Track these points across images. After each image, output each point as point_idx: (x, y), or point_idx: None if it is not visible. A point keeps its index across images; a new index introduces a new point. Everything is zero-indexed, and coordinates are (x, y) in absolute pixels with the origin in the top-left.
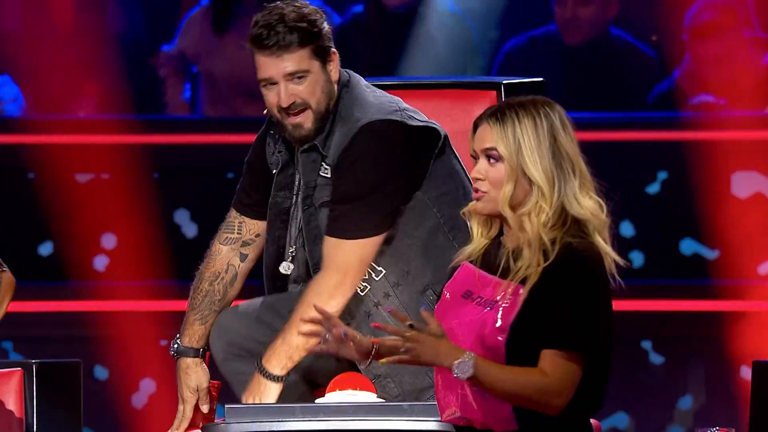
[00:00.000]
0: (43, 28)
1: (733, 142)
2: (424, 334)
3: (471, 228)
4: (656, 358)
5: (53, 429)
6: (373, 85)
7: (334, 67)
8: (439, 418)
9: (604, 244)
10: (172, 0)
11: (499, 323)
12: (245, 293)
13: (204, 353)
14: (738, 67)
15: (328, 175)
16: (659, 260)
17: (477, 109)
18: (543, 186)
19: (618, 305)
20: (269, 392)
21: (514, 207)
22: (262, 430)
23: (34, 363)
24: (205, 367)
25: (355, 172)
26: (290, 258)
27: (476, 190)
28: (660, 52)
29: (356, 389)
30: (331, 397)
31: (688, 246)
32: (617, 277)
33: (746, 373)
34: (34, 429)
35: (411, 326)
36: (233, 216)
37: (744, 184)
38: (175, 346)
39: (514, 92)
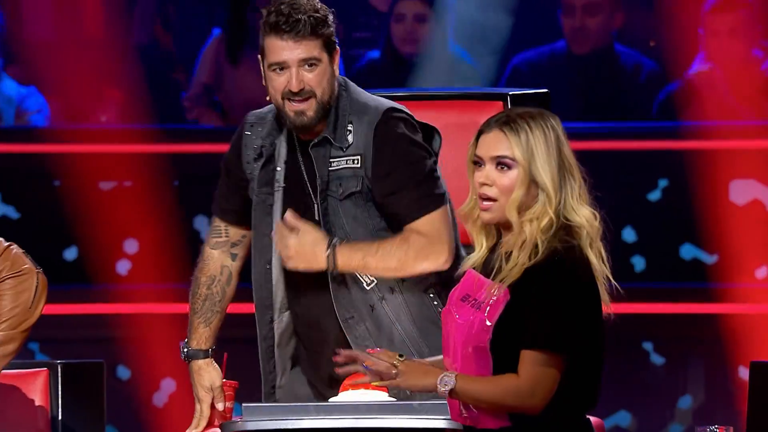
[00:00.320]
0: (72, 40)
1: (731, 152)
2: (415, 362)
3: (472, 236)
4: (657, 359)
5: (78, 426)
6: (385, 96)
7: (337, 64)
8: (449, 416)
9: (591, 254)
10: (194, 13)
11: (487, 323)
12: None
13: (212, 353)
14: (739, 78)
15: (353, 166)
16: (660, 264)
17: (484, 119)
18: (550, 192)
19: (620, 308)
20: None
21: (519, 212)
22: (278, 428)
23: (59, 363)
24: (216, 366)
25: (402, 156)
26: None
27: (485, 197)
28: (662, 61)
29: (369, 389)
30: (345, 396)
31: (687, 251)
32: (613, 282)
33: (744, 373)
34: (60, 426)
35: (401, 356)
36: (217, 222)
37: (741, 192)
38: (185, 350)
39: (519, 103)
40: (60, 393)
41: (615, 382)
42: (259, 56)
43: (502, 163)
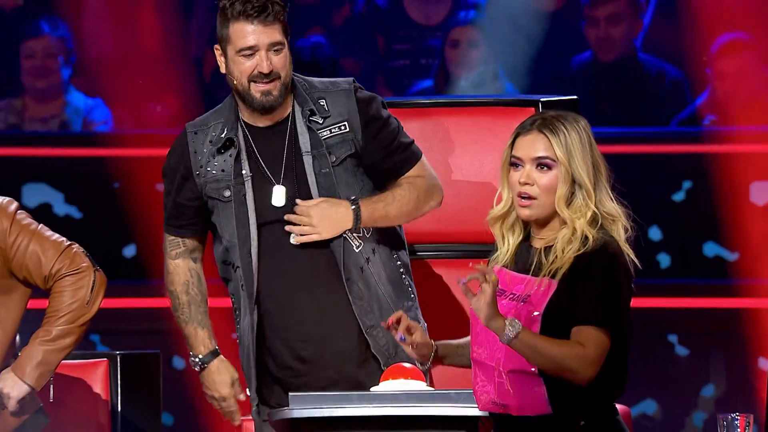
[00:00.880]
0: (132, 53)
1: (752, 155)
2: (483, 301)
3: (497, 235)
4: (681, 351)
5: (136, 413)
6: (423, 103)
7: (290, 49)
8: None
9: (625, 246)
10: None
11: (535, 313)
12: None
13: (218, 351)
14: (755, 87)
15: (341, 132)
16: (684, 262)
17: (516, 123)
18: (589, 188)
19: (646, 302)
20: None
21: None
22: (323, 415)
23: (118, 354)
24: (228, 362)
25: (384, 115)
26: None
27: (525, 196)
28: (685, 72)
29: (408, 378)
30: (385, 386)
31: (710, 249)
32: (637, 262)
33: (763, 364)
34: (119, 413)
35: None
36: (171, 237)
37: (761, 193)
38: (197, 360)
39: (550, 109)
40: (119, 382)
41: (641, 372)
42: (217, 46)
43: (542, 164)
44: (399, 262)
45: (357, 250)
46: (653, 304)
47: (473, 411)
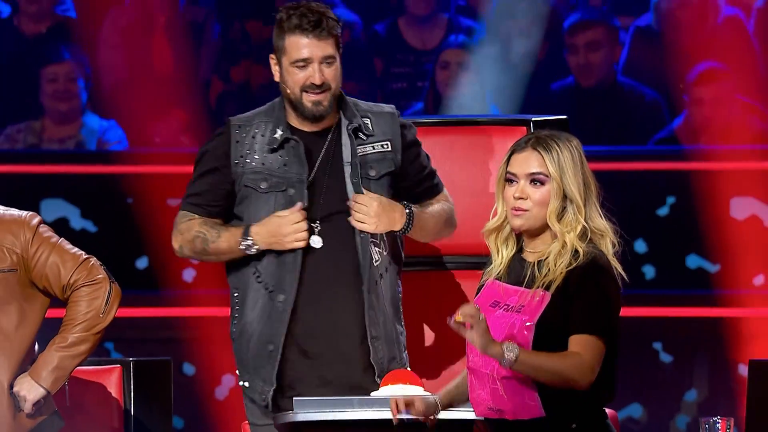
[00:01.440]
0: (144, 77)
1: (732, 172)
2: (478, 332)
3: (492, 248)
4: (666, 358)
5: (148, 417)
6: (418, 123)
7: (341, 63)
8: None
9: (613, 260)
10: (257, 45)
11: (528, 323)
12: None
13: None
14: (731, 113)
15: (383, 150)
16: (668, 273)
17: (510, 143)
18: (579, 203)
19: (633, 312)
20: None
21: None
22: (326, 419)
23: (131, 361)
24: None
25: (418, 144)
26: (317, 231)
27: (518, 209)
28: (663, 95)
29: (406, 384)
30: (385, 391)
31: (693, 261)
32: (624, 276)
33: (743, 370)
34: (132, 417)
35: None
36: (184, 212)
37: (741, 208)
38: (246, 240)
39: (542, 128)
40: (132, 387)
41: (628, 378)
42: (272, 56)
43: (535, 179)
44: (399, 289)
45: (375, 264)
46: (639, 314)
47: (468, 415)
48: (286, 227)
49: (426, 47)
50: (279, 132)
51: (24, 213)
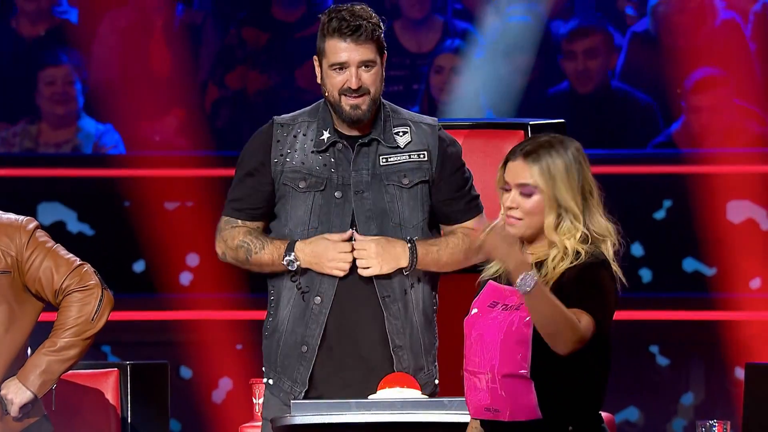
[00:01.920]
0: (140, 80)
1: (728, 176)
2: (500, 235)
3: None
4: (662, 361)
5: (145, 420)
6: None
7: (384, 66)
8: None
9: (612, 260)
10: (253, 51)
11: (527, 318)
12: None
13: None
14: (728, 119)
15: (419, 159)
16: (665, 276)
17: (507, 146)
18: (576, 212)
19: (629, 315)
20: None
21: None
22: (323, 422)
23: (128, 364)
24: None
25: (460, 161)
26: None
27: (510, 217)
28: (660, 100)
29: (403, 387)
30: (382, 394)
31: (689, 264)
32: (623, 280)
33: (740, 373)
34: (129, 420)
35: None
36: (227, 219)
37: (737, 211)
38: (291, 257)
39: (539, 132)
40: (129, 390)
41: (624, 381)
42: (315, 57)
43: (524, 192)
44: (435, 300)
45: (405, 273)
46: (635, 317)
47: (464, 417)
48: (332, 252)
49: (421, 50)
50: (326, 134)
51: (21, 217)
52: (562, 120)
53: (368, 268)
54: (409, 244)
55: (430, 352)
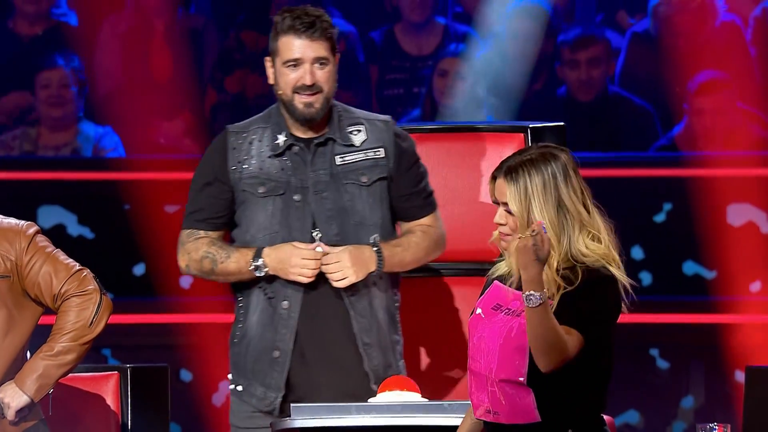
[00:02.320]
0: (141, 83)
1: (729, 179)
2: (529, 246)
3: (503, 251)
4: (662, 364)
5: (145, 424)
6: (416, 129)
7: (336, 67)
8: (467, 414)
9: (614, 270)
10: (252, 54)
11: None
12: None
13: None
14: (731, 122)
15: (376, 156)
16: (665, 279)
17: (507, 149)
18: (551, 237)
19: (629, 318)
20: None
21: None
22: (323, 425)
23: (128, 367)
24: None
25: (415, 158)
26: (318, 238)
27: (501, 233)
28: (660, 101)
29: (403, 390)
30: (382, 398)
31: (689, 267)
32: (630, 293)
33: (740, 376)
34: (129, 423)
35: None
36: (188, 231)
37: (738, 215)
38: (259, 263)
39: (539, 135)
40: (129, 394)
41: (625, 384)
42: (267, 58)
43: (508, 210)
44: (396, 297)
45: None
46: (636, 320)
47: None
48: (296, 259)
49: (422, 53)
50: (281, 138)
51: (22, 222)
52: (562, 123)
53: (345, 278)
54: (375, 248)
55: (396, 349)
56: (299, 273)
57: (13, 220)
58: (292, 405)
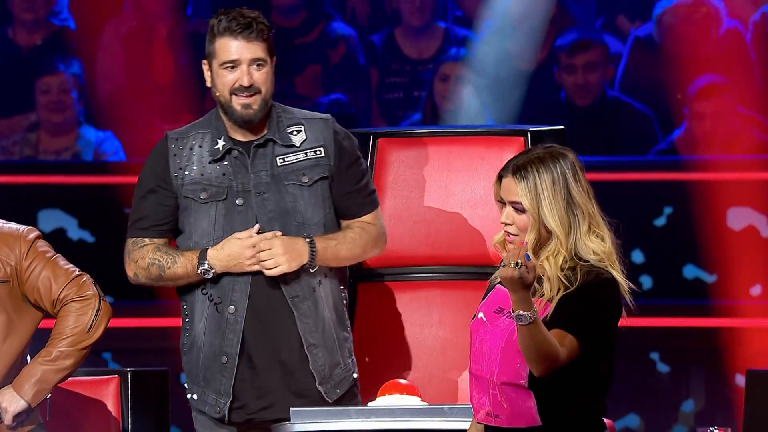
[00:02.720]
0: (141, 87)
1: (729, 182)
2: (515, 278)
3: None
4: (663, 368)
5: (145, 427)
6: (416, 133)
7: (273, 69)
8: (474, 419)
9: (615, 273)
10: None
11: None
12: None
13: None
14: (731, 126)
15: (316, 156)
16: (665, 283)
17: (507, 153)
18: (560, 234)
19: (630, 322)
20: None
21: (536, 250)
22: (323, 429)
23: (128, 371)
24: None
25: (356, 156)
26: None
27: (507, 233)
28: (661, 106)
29: (403, 394)
30: (382, 401)
31: (690, 271)
32: (630, 297)
33: (740, 380)
34: (129, 426)
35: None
36: (134, 240)
37: (738, 218)
38: (203, 266)
39: (539, 138)
40: (130, 397)
41: (625, 388)
42: (204, 61)
43: (517, 208)
44: (344, 294)
45: (312, 271)
46: (636, 324)
47: (464, 424)
48: (248, 251)
49: (422, 57)
50: (221, 142)
51: (23, 227)
52: (562, 126)
53: (277, 266)
54: (308, 239)
55: (344, 347)
56: (256, 262)
57: (13, 225)
58: (291, 409)
